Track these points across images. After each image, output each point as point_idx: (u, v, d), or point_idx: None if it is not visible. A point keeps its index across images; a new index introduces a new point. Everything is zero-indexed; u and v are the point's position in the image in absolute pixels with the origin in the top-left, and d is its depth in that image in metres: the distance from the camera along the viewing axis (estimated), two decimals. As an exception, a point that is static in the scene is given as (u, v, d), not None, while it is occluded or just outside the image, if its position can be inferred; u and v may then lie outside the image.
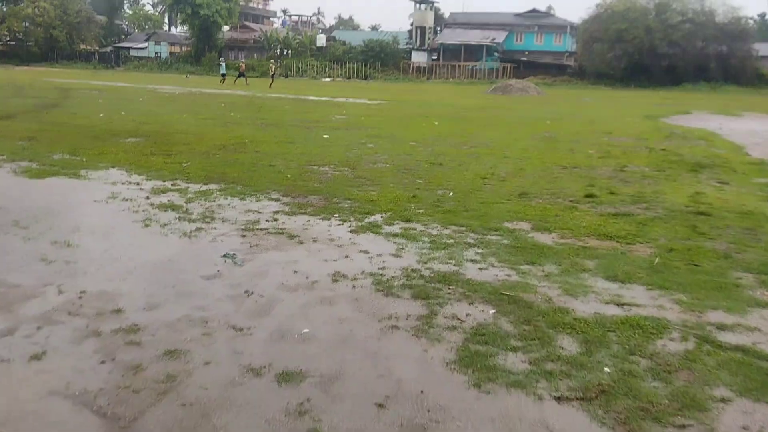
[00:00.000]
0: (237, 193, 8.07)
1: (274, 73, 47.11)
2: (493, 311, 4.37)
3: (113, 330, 3.92)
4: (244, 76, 47.90)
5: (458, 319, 4.24)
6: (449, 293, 4.71)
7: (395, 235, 6.30)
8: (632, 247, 6.07)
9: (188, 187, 8.35)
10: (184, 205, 7.35)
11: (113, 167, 9.65)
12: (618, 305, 4.58)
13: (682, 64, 62.88)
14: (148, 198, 7.67)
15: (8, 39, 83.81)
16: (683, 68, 62.36)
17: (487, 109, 27.69)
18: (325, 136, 14.76)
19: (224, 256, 5.44)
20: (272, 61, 55.77)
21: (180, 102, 24.69)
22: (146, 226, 6.43)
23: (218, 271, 5.14)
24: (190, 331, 3.97)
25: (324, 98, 31.57)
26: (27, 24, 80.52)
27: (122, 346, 3.72)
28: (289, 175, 9.30)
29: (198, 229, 6.33)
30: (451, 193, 8.36)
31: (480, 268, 5.34)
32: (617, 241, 6.21)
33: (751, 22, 68.75)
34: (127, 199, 7.55)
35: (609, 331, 4.10)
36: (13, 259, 5.28)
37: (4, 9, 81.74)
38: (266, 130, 15.52)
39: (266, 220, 6.79)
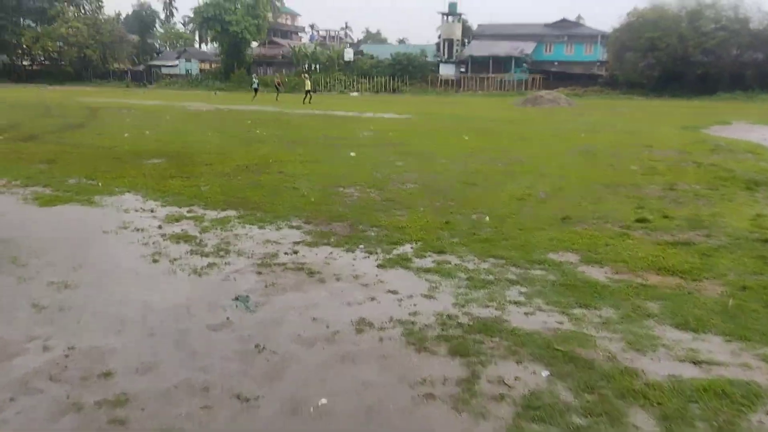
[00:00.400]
0: (256, 220, 7.50)
1: (309, 90, 44.43)
2: (547, 373, 3.69)
3: (97, 402, 3.34)
4: (279, 90, 47.48)
5: (506, 384, 3.57)
6: (492, 347, 4.04)
7: (427, 271, 5.64)
8: (699, 284, 5.32)
9: (205, 215, 7.81)
10: (198, 235, 6.80)
11: (129, 192, 9.18)
12: (695, 363, 3.86)
13: (716, 73, 61.24)
14: (160, 227, 7.14)
15: (42, 59, 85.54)
16: (718, 76, 60.71)
17: (518, 122, 26.91)
18: (352, 153, 14.19)
19: (236, 299, 4.85)
20: (305, 74, 54.61)
21: (206, 119, 24.44)
22: (154, 261, 5.88)
23: (228, 318, 4.54)
24: (188, 402, 3.36)
25: (351, 113, 31.13)
26: (61, 44, 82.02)
27: (104, 426, 3.12)
28: (312, 199, 8.72)
29: (210, 265, 5.76)
30: (487, 218, 7.67)
31: (526, 313, 4.65)
32: (681, 277, 5.46)
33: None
34: (138, 230, 7.03)
35: (690, 402, 3.39)
36: (2, 304, 4.75)
37: (38, 29, 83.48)
38: (291, 149, 15.02)
39: (285, 253, 6.20)
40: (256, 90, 49.18)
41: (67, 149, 13.97)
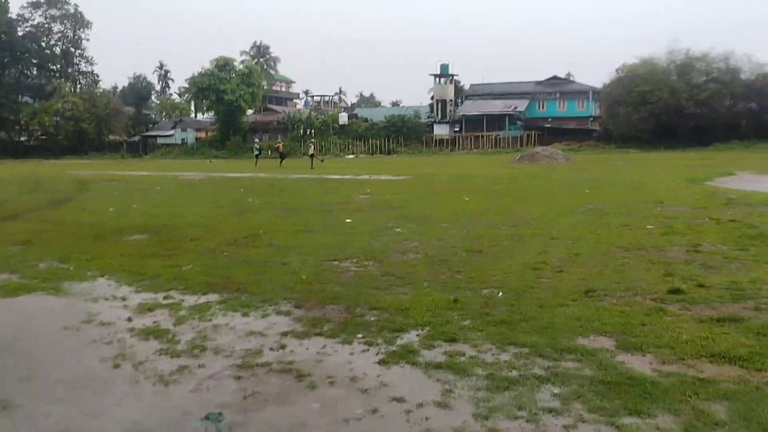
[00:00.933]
0: (240, 305, 6.63)
1: (313, 154, 42.81)
2: None
3: None
4: (283, 157, 46.71)
5: None
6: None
7: (438, 367, 4.74)
8: (764, 375, 4.43)
9: (183, 301, 6.94)
10: (172, 329, 5.91)
11: (103, 276, 8.33)
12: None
13: (710, 124, 61.51)
14: (129, 320, 6.26)
15: (40, 134, 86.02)
16: (712, 127, 60.93)
17: (517, 179, 26.34)
18: (348, 220, 13.44)
19: (206, 418, 3.93)
20: (312, 141, 53.45)
21: (198, 189, 23.82)
22: (115, 367, 4.98)
23: (193, 448, 3.63)
24: None
25: (347, 176, 30.63)
26: (57, 118, 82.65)
27: None
28: (304, 276, 7.87)
29: (181, 369, 4.86)
30: (500, 293, 6.81)
31: (566, 426, 3.74)
32: (741, 366, 4.57)
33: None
34: (103, 324, 6.15)
35: None
36: None
37: (36, 105, 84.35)
38: (284, 217, 14.27)
39: (271, 348, 5.31)
40: (257, 156, 48.62)
41: (47, 228, 13.19)
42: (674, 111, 62.10)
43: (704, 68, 64.90)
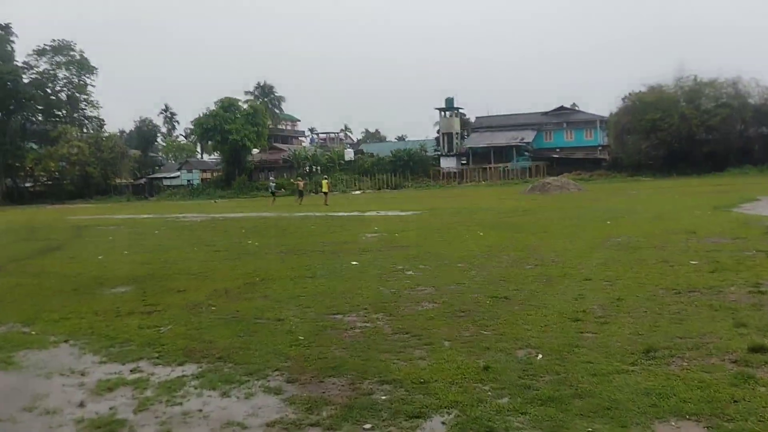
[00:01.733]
0: (220, 381, 5.39)
1: (327, 192, 41.90)
2: None
3: None
4: (302, 195, 44.94)
5: None
6: None
7: (475, 477, 3.48)
8: None
9: (152, 375, 5.71)
10: (130, 419, 4.67)
11: (67, 341, 7.11)
12: None
13: (723, 149, 60.41)
14: (82, 406, 5.03)
15: (45, 179, 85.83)
16: (725, 153, 59.84)
17: (532, 211, 25.12)
18: (354, 263, 12.24)
19: None
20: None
21: (197, 231, 22.70)
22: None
23: None
24: None
25: (354, 213, 29.52)
26: (63, 163, 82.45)
27: None
28: (301, 337, 6.62)
29: (127, 486, 3.62)
30: (540, 356, 5.55)
31: None
32: None
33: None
34: (47, 412, 4.92)
35: None
36: None
37: (41, 151, 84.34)
38: (284, 261, 13.07)
39: (252, 448, 4.06)
40: (273, 193, 47.47)
41: (24, 281, 12.02)
42: (686, 137, 61.09)
43: (713, 94, 64.07)
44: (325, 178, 47.39)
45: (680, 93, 64.64)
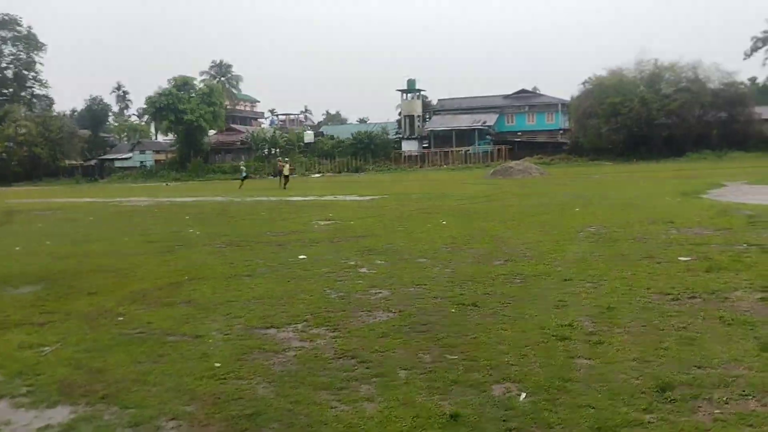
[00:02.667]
0: (94, 435, 3.94)
1: (287, 175, 38.92)
2: None
3: None
4: (282, 176, 39.58)
5: None
6: None
7: None
8: None
9: (6, 425, 4.22)
10: None
11: None
12: None
13: (682, 134, 60.54)
14: None
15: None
16: (684, 138, 59.96)
17: (496, 197, 23.99)
18: (302, 257, 10.80)
19: None
20: (284, 159, 47.93)
21: (137, 218, 20.85)
22: None
23: None
24: None
25: (310, 198, 27.98)
26: (10, 144, 78.41)
27: None
28: (218, 364, 5.18)
29: None
30: (523, 395, 4.24)
31: None
32: None
33: (742, 87, 66.95)
34: None
35: None
36: None
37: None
38: (222, 254, 11.55)
39: None
40: (244, 178, 44.81)
41: None
42: (645, 122, 61.03)
43: (673, 78, 64.12)
44: (286, 160, 45.13)
45: (641, 77, 64.50)
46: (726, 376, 4.37)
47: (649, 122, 61.26)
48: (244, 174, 46.00)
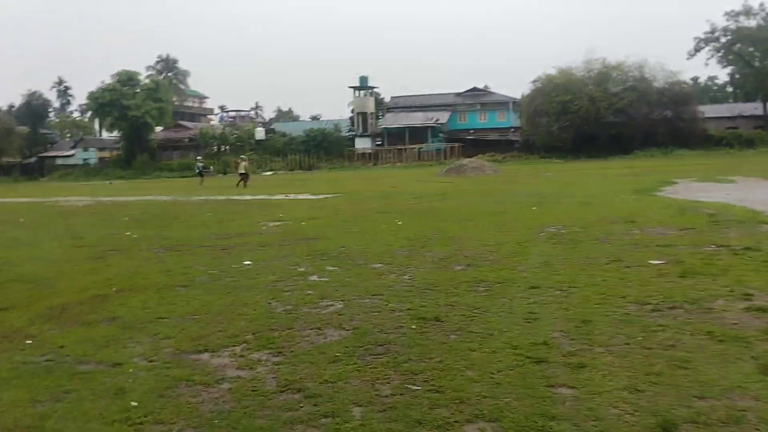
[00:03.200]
0: None
1: (245, 173, 36.61)
2: None
3: None
4: (246, 177, 37.39)
5: None
6: None
7: None
8: None
9: None
10: None
11: None
12: None
13: (629, 132, 61.55)
14: None
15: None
16: (631, 135, 60.96)
17: (451, 195, 23.48)
18: (247, 263, 9.93)
19: None
20: (242, 156, 45.67)
21: (72, 219, 19.46)
22: None
23: None
24: None
25: (259, 197, 26.89)
26: (-57, 141, 74.44)
27: None
28: (134, 403, 4.31)
29: None
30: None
31: None
32: None
33: (686, 86, 68.58)
34: None
35: None
36: None
37: None
38: (159, 261, 10.56)
39: None
40: (201, 174, 42.26)
41: None
42: (594, 120, 61.79)
43: (620, 77, 65.18)
44: (243, 158, 43.08)
45: (590, 76, 65.29)
46: (733, 409, 3.77)
47: (597, 120, 62.06)
48: (200, 170, 43.40)
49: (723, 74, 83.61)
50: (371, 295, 7.31)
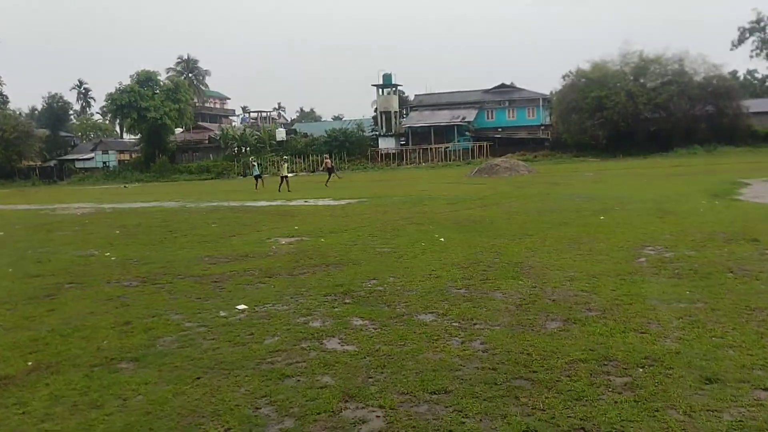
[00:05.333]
0: None
1: (285, 176, 34.49)
2: None
3: None
4: (332, 171, 38.11)
5: None
6: None
7: None
8: None
9: None
10: None
11: None
12: None
13: (669, 128, 57.80)
14: None
15: (-58, 163, 76.36)
16: (670, 132, 57.20)
17: (490, 200, 20.44)
18: (241, 308, 7.04)
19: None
20: (284, 158, 42.88)
21: (54, 233, 16.64)
22: None
23: None
24: None
25: (275, 203, 24.09)
26: (-42, 145, 73.18)
27: None
28: None
29: None
30: None
31: None
32: None
33: (729, 79, 64.57)
34: None
35: None
36: None
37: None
38: (122, 302, 7.67)
39: None
40: (257, 177, 38.49)
41: None
42: (632, 116, 58.19)
43: (659, 70, 61.38)
44: (284, 160, 40.26)
45: (627, 69, 61.59)
46: None
47: (635, 116, 58.48)
48: (256, 172, 39.58)
49: (762, 67, 79.09)
50: (429, 392, 4.33)
